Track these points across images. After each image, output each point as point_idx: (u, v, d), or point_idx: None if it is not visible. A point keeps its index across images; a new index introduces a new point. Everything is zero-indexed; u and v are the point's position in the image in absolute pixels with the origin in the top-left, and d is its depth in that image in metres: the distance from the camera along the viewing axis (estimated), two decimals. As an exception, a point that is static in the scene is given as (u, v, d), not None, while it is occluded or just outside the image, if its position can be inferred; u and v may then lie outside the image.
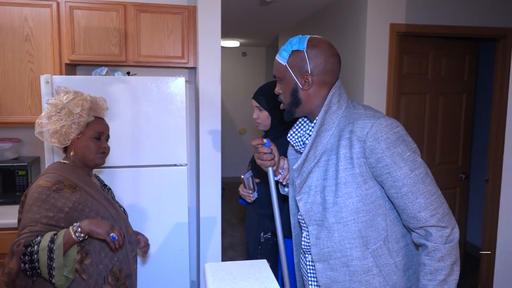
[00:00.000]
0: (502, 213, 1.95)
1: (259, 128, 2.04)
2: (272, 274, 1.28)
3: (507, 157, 1.95)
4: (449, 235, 1.16)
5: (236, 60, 7.64)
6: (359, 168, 1.20)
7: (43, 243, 1.31)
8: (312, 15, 4.38)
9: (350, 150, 1.20)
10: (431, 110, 3.38)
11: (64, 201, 1.43)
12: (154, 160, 2.34)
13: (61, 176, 1.50)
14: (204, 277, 1.29)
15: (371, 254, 1.23)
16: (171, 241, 2.40)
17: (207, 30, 2.62)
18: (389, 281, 1.24)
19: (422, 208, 1.16)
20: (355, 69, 3.20)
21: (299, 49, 1.27)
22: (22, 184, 2.56)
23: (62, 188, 1.45)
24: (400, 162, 1.16)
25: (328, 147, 1.25)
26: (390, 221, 1.24)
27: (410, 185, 1.16)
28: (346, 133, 1.22)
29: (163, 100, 2.32)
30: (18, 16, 2.49)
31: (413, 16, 3.07)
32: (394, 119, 1.22)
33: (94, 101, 1.61)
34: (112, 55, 2.66)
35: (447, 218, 1.17)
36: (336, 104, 1.26)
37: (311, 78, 1.26)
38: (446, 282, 1.16)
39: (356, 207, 1.21)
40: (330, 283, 1.28)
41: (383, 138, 1.16)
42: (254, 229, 2.04)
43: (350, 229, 1.22)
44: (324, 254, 1.27)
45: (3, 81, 2.51)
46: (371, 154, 1.17)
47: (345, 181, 1.21)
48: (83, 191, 1.51)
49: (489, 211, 3.27)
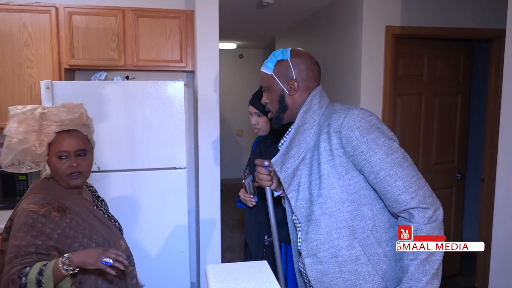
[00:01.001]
0: (496, 212, 1.98)
1: (259, 133, 2.04)
2: (273, 275, 1.30)
3: (501, 157, 1.99)
4: (432, 216, 1.19)
5: (233, 62, 7.66)
6: (339, 158, 1.26)
7: (31, 276, 1.19)
8: (308, 17, 4.42)
9: (329, 143, 1.27)
10: (427, 111, 3.42)
11: (52, 226, 1.31)
12: (153, 163, 2.37)
13: (49, 197, 1.37)
14: (205, 278, 1.31)
15: (359, 243, 1.26)
16: (171, 243, 2.42)
17: (205, 34, 2.65)
18: (378, 270, 1.26)
19: (401, 190, 1.20)
20: (352, 71, 3.23)
21: (283, 59, 1.39)
22: (22, 189, 2.57)
23: (50, 211, 1.33)
24: (375, 148, 1.22)
25: (311, 145, 1.32)
26: (376, 211, 1.28)
27: (387, 169, 1.21)
28: (324, 127, 1.29)
29: (162, 104, 2.35)
30: (17, 22, 2.51)
31: (408, 19, 3.11)
32: (367, 110, 1.29)
33: (43, 114, 1.38)
34: (111, 60, 2.69)
35: (429, 200, 1.20)
36: (317, 104, 1.35)
37: (296, 83, 1.37)
38: (427, 261, 1.18)
39: (340, 198, 1.26)
40: (320, 276, 1.31)
41: (356, 126, 1.23)
42: (256, 232, 2.05)
43: (336, 220, 1.27)
44: (312, 248, 1.31)
45: (2, 86, 2.52)
46: (347, 143, 1.24)
47: (327, 172, 1.26)
48: (73, 213, 1.38)
49: (485, 209, 3.31)
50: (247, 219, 2.17)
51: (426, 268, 1.18)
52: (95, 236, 1.41)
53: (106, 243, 1.43)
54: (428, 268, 1.18)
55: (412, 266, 1.19)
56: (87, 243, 1.38)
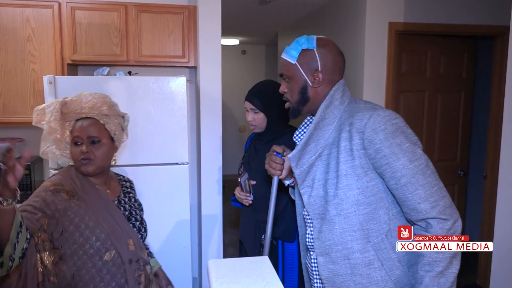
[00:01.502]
0: (498, 209, 1.98)
1: (254, 130, 1.99)
2: (274, 270, 1.30)
3: (504, 154, 1.98)
4: (450, 228, 1.15)
5: (235, 58, 7.65)
6: (359, 160, 1.20)
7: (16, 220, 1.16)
8: (311, 13, 4.40)
9: (350, 142, 1.21)
10: (430, 108, 3.41)
11: (55, 200, 1.34)
12: (155, 158, 2.37)
13: (64, 179, 1.43)
14: (207, 273, 1.31)
15: (373, 247, 1.23)
16: (174, 238, 2.43)
17: (207, 30, 2.64)
18: (391, 276, 1.23)
19: (422, 199, 1.15)
20: (354, 68, 3.22)
21: (309, 48, 1.30)
22: (25, 183, 2.58)
23: (59, 191, 1.38)
24: (398, 153, 1.16)
25: (329, 141, 1.27)
26: (392, 215, 1.24)
27: (409, 176, 1.16)
28: (346, 126, 1.24)
29: (164, 99, 2.35)
30: (20, 17, 2.52)
31: (411, 15, 3.09)
32: (392, 111, 1.23)
33: (65, 104, 1.47)
34: (113, 55, 2.69)
35: (449, 211, 1.16)
36: (339, 99, 1.29)
37: (321, 75, 1.29)
38: (443, 274, 1.15)
39: (357, 199, 1.21)
40: (332, 276, 1.28)
41: (381, 129, 1.17)
42: (252, 231, 2.01)
43: (351, 222, 1.23)
44: (325, 247, 1.28)
45: (6, 81, 2.53)
46: (370, 145, 1.18)
47: (346, 173, 1.21)
48: (82, 201, 1.40)
49: (487, 207, 3.31)
50: (242, 218, 2.13)
51: (441, 281, 1.15)
52: (98, 230, 1.38)
53: (108, 239, 1.39)
54: (444, 281, 1.15)
55: (427, 277, 1.16)
56: (87, 235, 1.36)
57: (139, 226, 1.57)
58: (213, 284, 1.20)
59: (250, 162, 2.06)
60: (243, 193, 1.99)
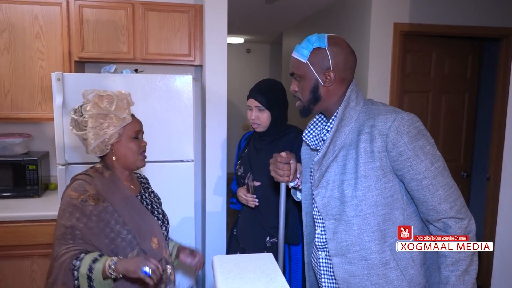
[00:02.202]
0: (501, 210, 1.99)
1: (257, 129, 1.96)
2: (278, 267, 1.32)
3: (507, 156, 1.99)
4: (467, 226, 1.21)
5: (240, 56, 7.67)
6: (379, 162, 1.22)
7: (82, 271, 1.30)
8: (316, 13, 4.41)
9: (371, 144, 1.22)
10: (434, 109, 3.42)
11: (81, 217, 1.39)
12: (161, 156, 2.39)
13: (87, 184, 1.44)
14: (212, 268, 1.33)
15: (389, 247, 1.25)
16: (178, 235, 2.44)
17: (213, 29, 2.66)
18: (406, 275, 1.25)
19: (442, 200, 1.19)
20: (359, 68, 3.22)
21: (320, 47, 1.29)
22: (32, 178, 2.62)
23: (86, 200, 1.41)
24: (421, 156, 1.19)
25: (346, 142, 1.27)
26: (407, 215, 1.27)
27: (431, 178, 1.19)
28: (366, 128, 1.24)
29: (170, 97, 2.37)
30: (29, 14, 2.54)
31: (417, 16, 3.10)
32: (414, 115, 1.25)
33: (129, 100, 1.53)
34: (120, 53, 2.71)
35: (464, 210, 1.21)
36: (354, 100, 1.30)
37: (333, 74, 1.29)
38: (467, 272, 1.20)
39: (376, 200, 1.23)
40: (348, 277, 1.29)
41: (405, 132, 1.20)
42: (256, 235, 1.99)
43: (369, 222, 1.24)
44: (341, 248, 1.29)
45: (14, 77, 2.56)
46: (394, 148, 1.20)
47: (365, 174, 1.23)
48: (107, 203, 1.44)
49: (490, 208, 3.32)
50: (242, 221, 2.11)
51: (466, 278, 1.20)
52: (125, 231, 1.44)
53: (134, 239, 1.44)
54: (468, 278, 1.21)
55: (453, 277, 1.20)
56: (113, 237, 1.42)
57: (162, 218, 1.62)
58: (218, 279, 1.23)
59: (252, 163, 2.04)
60: (249, 195, 1.97)
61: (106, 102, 1.43)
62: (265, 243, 1.98)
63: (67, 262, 1.32)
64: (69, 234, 1.37)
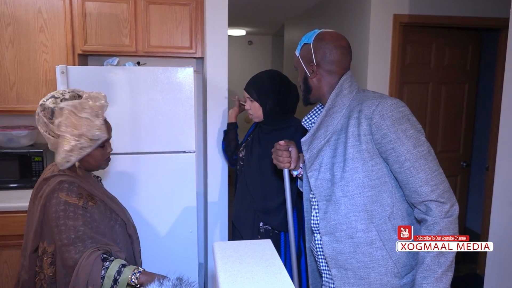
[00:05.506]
0: (495, 198, 2.03)
1: (253, 119, 2.09)
2: (276, 252, 1.37)
3: (501, 146, 2.03)
4: (448, 211, 1.24)
5: (242, 48, 7.67)
6: (365, 144, 1.29)
7: (110, 272, 1.33)
8: (317, 5, 4.42)
9: (358, 128, 1.30)
10: (434, 100, 3.44)
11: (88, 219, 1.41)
12: (163, 147, 2.44)
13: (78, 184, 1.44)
14: (213, 254, 1.39)
15: (376, 228, 1.31)
16: (180, 224, 2.51)
17: (214, 21, 2.69)
18: (392, 255, 1.31)
19: (423, 182, 1.24)
20: (359, 59, 3.25)
21: (306, 42, 1.43)
22: (38, 170, 2.67)
23: (86, 202, 1.43)
24: (403, 138, 1.25)
25: (338, 128, 1.36)
26: (396, 199, 1.32)
27: (412, 160, 1.24)
28: (355, 113, 1.32)
29: (172, 89, 2.41)
30: (33, 8, 2.58)
31: (416, 7, 3.11)
32: (399, 100, 1.32)
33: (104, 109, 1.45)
34: (122, 46, 2.75)
35: (447, 195, 1.25)
36: (347, 88, 1.38)
37: (316, 67, 1.41)
38: (443, 254, 1.24)
39: (362, 182, 1.30)
40: (335, 254, 1.37)
41: (388, 116, 1.26)
42: (250, 219, 2.07)
43: (356, 203, 1.31)
44: (330, 227, 1.36)
45: (19, 71, 2.61)
46: (377, 131, 1.27)
47: (352, 157, 1.30)
48: (98, 200, 1.48)
49: (489, 198, 3.35)
50: (238, 204, 2.19)
51: (441, 260, 1.24)
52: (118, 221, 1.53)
53: (123, 225, 1.55)
54: (444, 260, 1.24)
55: (428, 258, 1.24)
56: (112, 226, 1.50)
57: None
58: (218, 264, 1.28)
59: (253, 149, 2.12)
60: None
61: (85, 127, 1.37)
62: (259, 228, 2.05)
63: (98, 261, 1.34)
64: (84, 235, 1.37)
